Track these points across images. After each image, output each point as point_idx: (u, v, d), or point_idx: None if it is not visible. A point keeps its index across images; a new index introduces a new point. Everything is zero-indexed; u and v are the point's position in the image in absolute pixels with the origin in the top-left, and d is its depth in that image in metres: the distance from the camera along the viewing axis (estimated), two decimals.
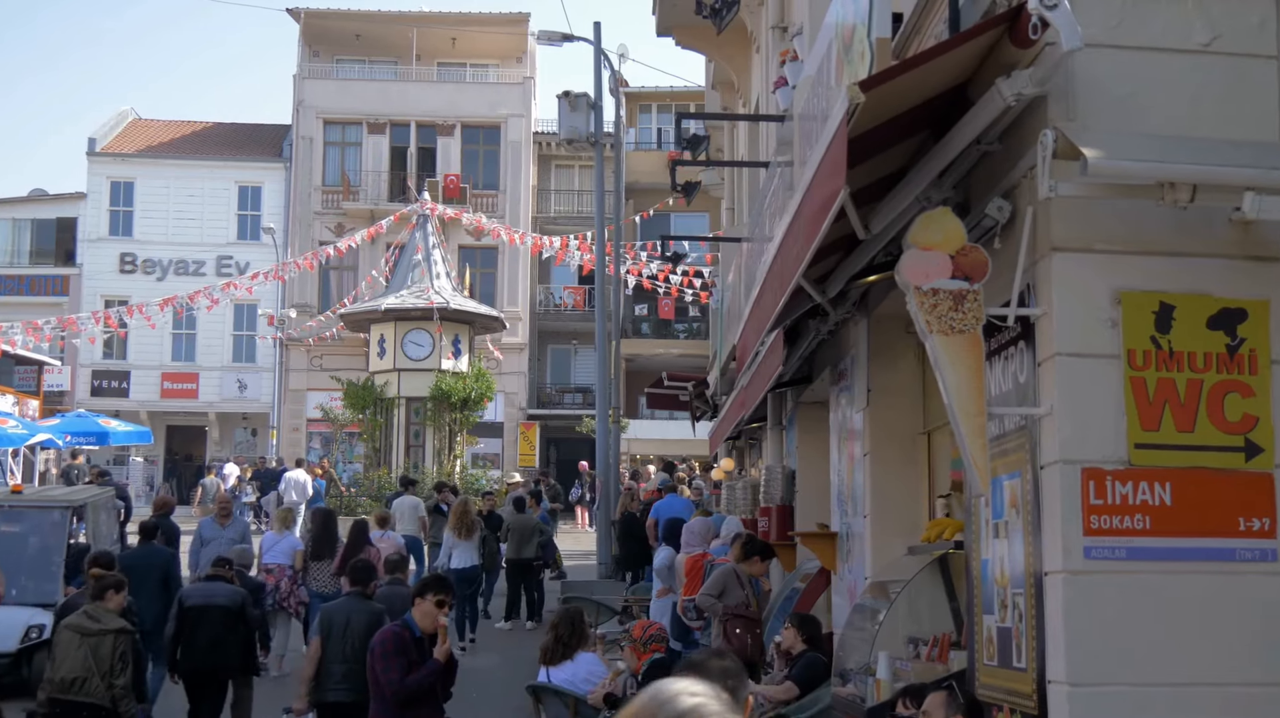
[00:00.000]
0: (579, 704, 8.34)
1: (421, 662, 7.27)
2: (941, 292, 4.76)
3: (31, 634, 12.38)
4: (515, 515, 18.86)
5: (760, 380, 9.14)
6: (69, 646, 8.32)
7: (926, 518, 7.81)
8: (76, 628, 8.39)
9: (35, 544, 13.60)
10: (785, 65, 8.29)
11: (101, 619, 8.43)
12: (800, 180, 7.00)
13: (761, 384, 9.46)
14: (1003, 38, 4.73)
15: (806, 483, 11.02)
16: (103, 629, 8.36)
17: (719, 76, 17.07)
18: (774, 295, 6.37)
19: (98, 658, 8.23)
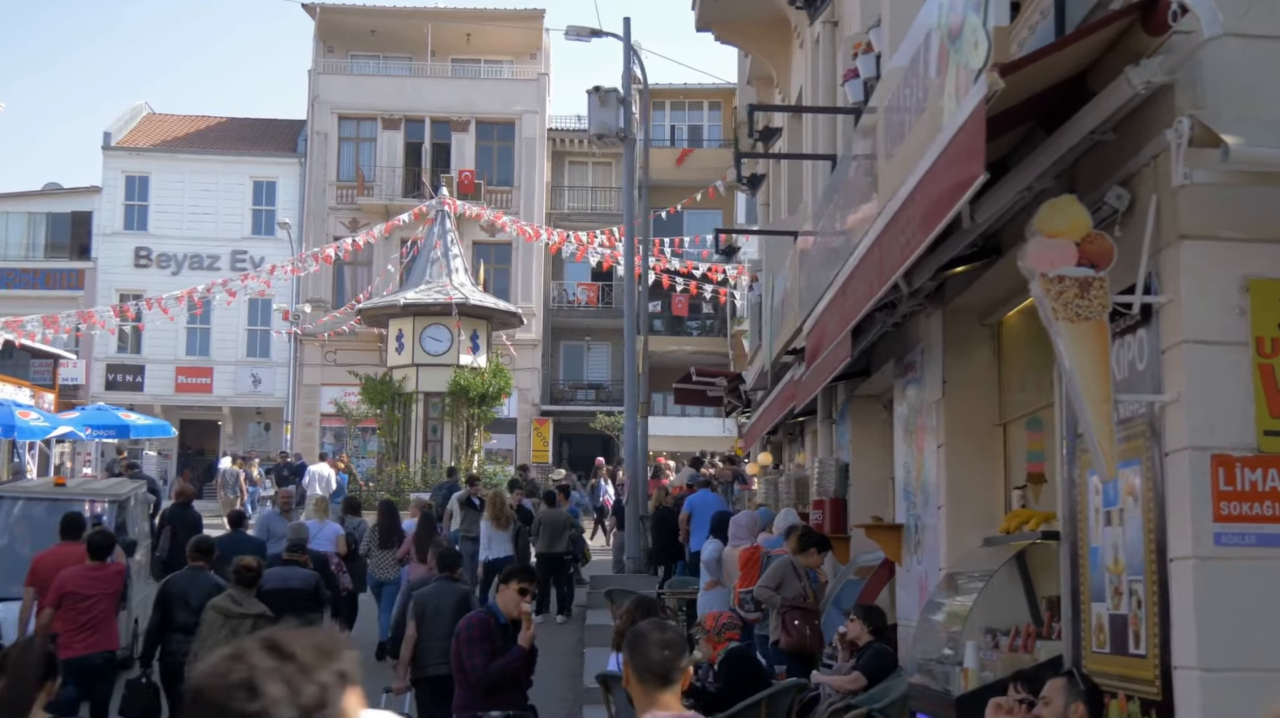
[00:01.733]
0: None
1: (505, 648, 7.30)
2: (1067, 279, 4.78)
3: None
4: (547, 510, 18.92)
5: (821, 373, 9.15)
6: (213, 625, 8.82)
7: (1002, 510, 7.83)
8: (221, 610, 8.90)
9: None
10: (858, 57, 8.31)
11: (243, 603, 8.93)
12: (887, 172, 7.03)
13: (822, 377, 9.47)
14: (1132, 25, 4.74)
15: (860, 476, 11.05)
16: (244, 613, 8.85)
17: (755, 72, 17.08)
18: (869, 285, 6.38)
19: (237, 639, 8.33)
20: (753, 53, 15.72)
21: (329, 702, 1.81)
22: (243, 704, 1.77)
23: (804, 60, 13.95)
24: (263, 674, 1.79)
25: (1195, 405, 4.72)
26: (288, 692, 1.78)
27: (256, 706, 1.76)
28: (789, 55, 15.42)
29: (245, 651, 1.84)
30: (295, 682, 1.79)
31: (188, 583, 9.73)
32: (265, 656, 1.82)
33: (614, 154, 45.60)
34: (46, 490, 13.81)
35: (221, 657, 1.85)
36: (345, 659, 1.87)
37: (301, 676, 1.80)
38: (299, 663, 1.81)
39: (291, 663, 1.81)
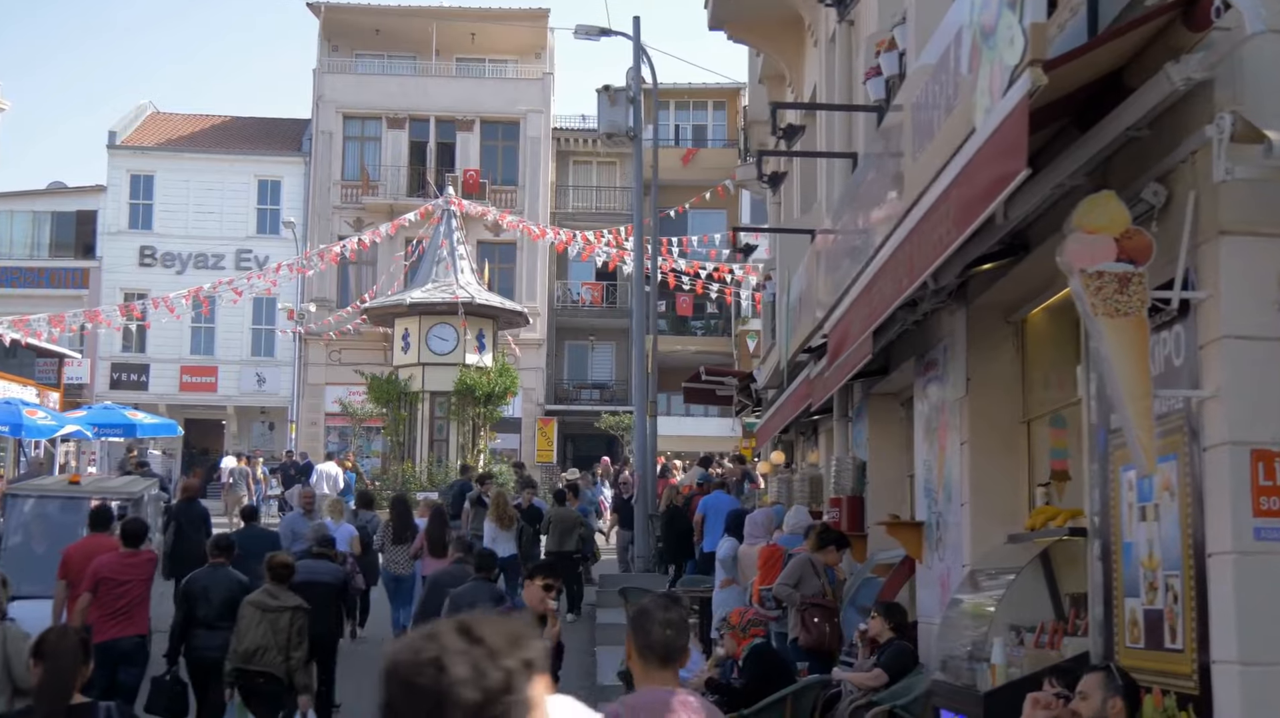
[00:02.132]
0: None
1: None
2: (1106, 274, 4.80)
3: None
4: (556, 509, 18.94)
5: (841, 371, 9.16)
6: (250, 620, 9.03)
7: (1026, 507, 7.84)
8: (258, 605, 9.12)
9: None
10: (880, 55, 8.31)
11: (280, 597, 9.15)
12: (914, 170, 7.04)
13: (842, 375, 9.48)
14: (1173, 21, 4.76)
15: (878, 474, 11.06)
16: (281, 606, 9.10)
17: (767, 70, 17.08)
18: (898, 283, 6.40)
19: (276, 632, 8.94)
20: (765, 51, 15.73)
21: (514, 688, 1.85)
22: (429, 681, 1.82)
23: (818, 59, 13.96)
24: (451, 655, 1.84)
25: (1234, 400, 4.73)
26: (474, 674, 1.83)
27: (442, 682, 1.82)
28: (802, 54, 15.43)
29: (438, 632, 1.89)
30: (482, 665, 1.84)
31: (209, 580, 9.84)
32: (456, 638, 1.87)
33: (618, 154, 45.61)
34: (62, 489, 13.84)
35: (416, 635, 1.91)
36: (534, 649, 1.91)
37: (489, 660, 1.85)
38: (487, 648, 1.86)
39: (480, 647, 1.86)
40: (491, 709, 1.83)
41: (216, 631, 9.45)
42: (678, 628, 3.82)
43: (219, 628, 9.42)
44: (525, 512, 18.79)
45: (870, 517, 11.07)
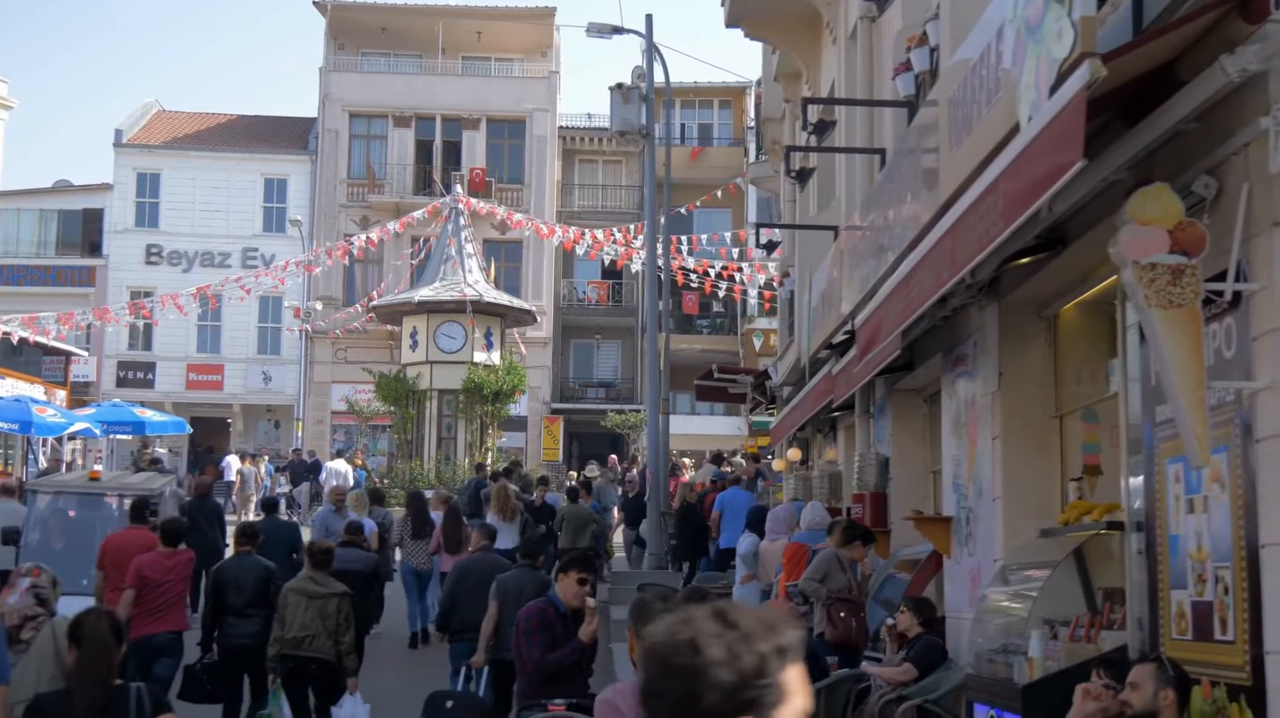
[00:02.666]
0: None
1: (565, 637, 7.31)
2: (1160, 266, 4.81)
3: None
4: (569, 506, 18.99)
5: (868, 367, 9.18)
6: (297, 607, 9.12)
7: (1058, 502, 7.86)
8: (302, 591, 9.22)
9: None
10: (911, 51, 8.33)
11: (326, 584, 9.28)
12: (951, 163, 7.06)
13: (868, 371, 9.49)
14: (1228, 13, 4.77)
15: (901, 470, 11.08)
16: (328, 592, 9.21)
17: (783, 68, 17.09)
18: (938, 276, 6.41)
19: (324, 618, 9.07)
20: (782, 48, 15.73)
21: (767, 672, 1.89)
22: (685, 661, 1.87)
23: (836, 55, 13.96)
24: (706, 637, 1.89)
25: None
26: (728, 656, 1.87)
27: (697, 662, 1.86)
28: (819, 51, 15.44)
29: (694, 616, 1.94)
30: (736, 648, 1.88)
31: (237, 569, 10.00)
32: (712, 622, 1.92)
33: (624, 152, 45.64)
34: (81, 485, 13.84)
35: (673, 619, 1.95)
36: (788, 636, 1.95)
37: (743, 643, 1.89)
38: (742, 632, 1.90)
39: (735, 631, 1.90)
40: (746, 692, 1.87)
41: (247, 618, 9.61)
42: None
43: (249, 616, 9.59)
44: (539, 509, 18.86)
45: (893, 512, 11.10)
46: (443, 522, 15.58)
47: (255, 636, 9.48)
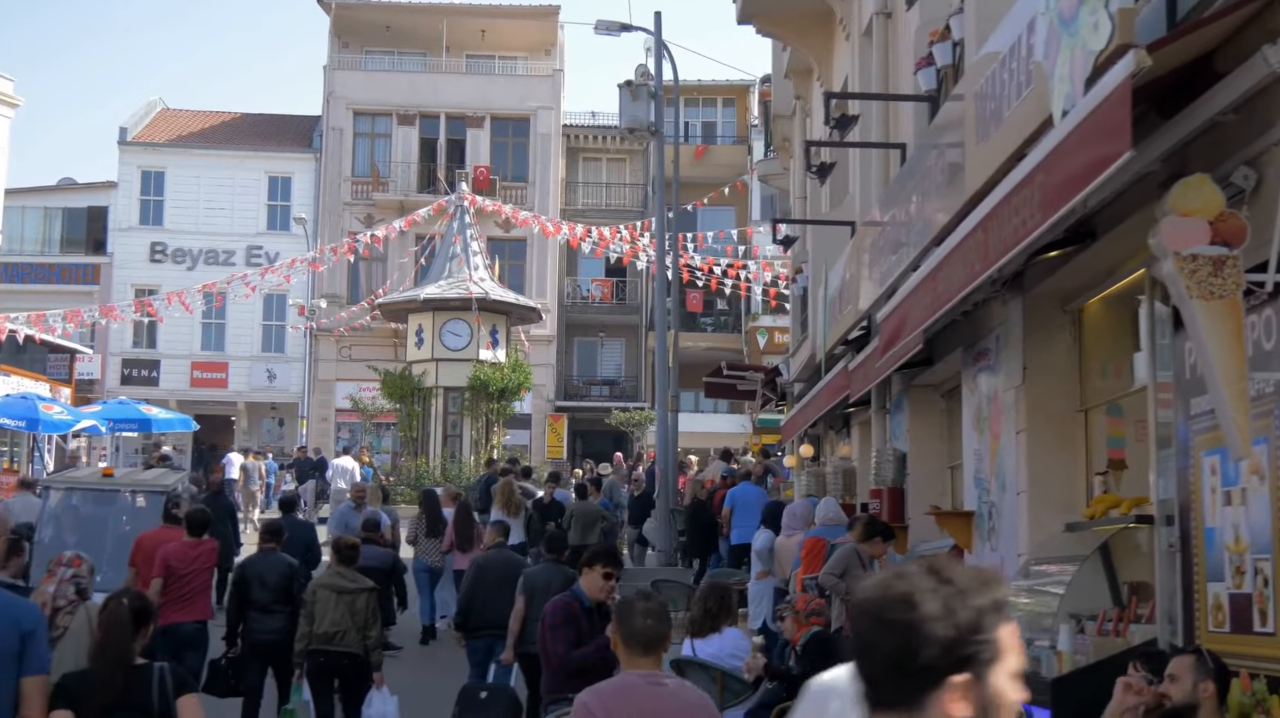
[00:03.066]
0: (725, 678, 8.38)
1: (591, 632, 7.31)
2: (1201, 257, 4.80)
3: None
4: (578, 503, 18.99)
5: (889, 362, 9.17)
6: (326, 603, 9.18)
7: (1083, 496, 7.85)
8: (332, 587, 9.28)
9: (128, 529, 13.21)
10: (933, 45, 8.32)
11: (355, 580, 9.36)
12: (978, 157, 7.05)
13: (888, 366, 9.49)
14: (1272, 3, 4.76)
15: (918, 465, 11.07)
16: (357, 588, 9.29)
17: (794, 65, 17.09)
18: (969, 269, 6.40)
19: (353, 613, 9.14)
20: (794, 45, 15.73)
21: (983, 627, 1.87)
22: (899, 615, 1.86)
23: (850, 52, 13.96)
24: (922, 592, 1.87)
25: None
26: (944, 611, 1.85)
27: (912, 616, 1.85)
28: (831, 47, 15.43)
29: (907, 572, 1.93)
30: (952, 603, 1.86)
31: (262, 565, 10.08)
32: (926, 577, 1.90)
33: (628, 150, 45.67)
34: (95, 481, 13.80)
35: (885, 575, 1.95)
36: (1002, 592, 1.93)
37: (959, 598, 1.87)
38: (958, 587, 1.88)
39: (950, 586, 1.88)
40: (962, 648, 1.85)
41: (272, 614, 9.71)
42: (658, 617, 4.08)
43: (274, 612, 9.69)
44: (548, 506, 18.88)
45: (911, 508, 11.10)
46: (454, 519, 15.76)
47: (279, 632, 9.61)
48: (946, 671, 1.85)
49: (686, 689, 4.21)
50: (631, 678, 4.07)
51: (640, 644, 4.09)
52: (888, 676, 1.88)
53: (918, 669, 1.85)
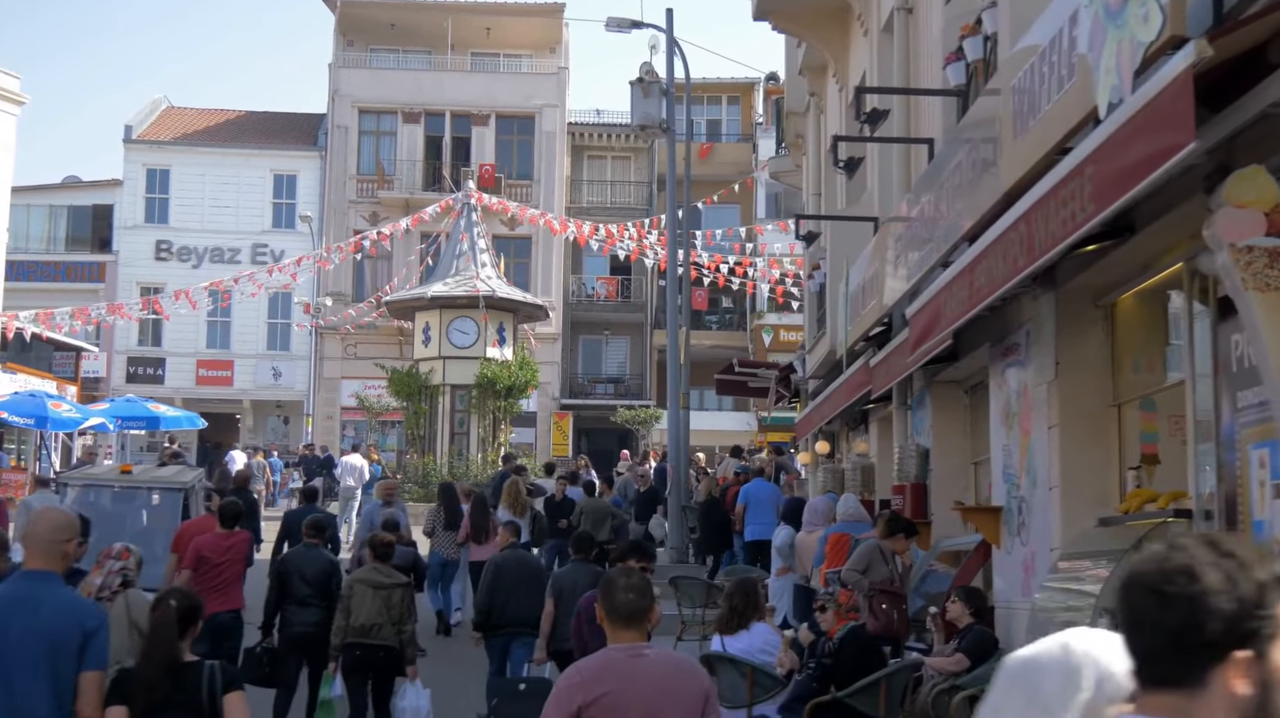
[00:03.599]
0: (755, 673, 8.38)
1: None
2: (1256, 249, 4.80)
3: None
4: (587, 500, 19.00)
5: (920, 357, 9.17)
6: (363, 597, 9.32)
7: (1117, 491, 7.85)
8: (369, 582, 9.43)
9: (146, 526, 13.24)
10: (964, 40, 8.31)
11: (390, 575, 9.52)
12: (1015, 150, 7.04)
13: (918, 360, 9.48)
14: None
15: (941, 461, 11.07)
16: (393, 583, 9.45)
17: (809, 61, 17.09)
18: (1012, 263, 6.39)
19: (389, 608, 9.28)
20: (810, 41, 15.72)
21: (1266, 602, 1.81)
22: (1180, 588, 1.80)
23: (868, 47, 13.96)
24: (1203, 564, 1.81)
25: None
26: (1227, 583, 1.80)
27: (1194, 589, 1.79)
28: (847, 43, 15.42)
29: (1184, 544, 1.87)
30: (1235, 576, 1.81)
31: (303, 559, 10.18)
32: (1205, 549, 1.85)
33: (633, 148, 45.67)
34: (113, 478, 13.75)
35: (1161, 548, 1.89)
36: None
37: (1241, 571, 1.81)
38: (1239, 560, 1.83)
39: (1231, 559, 1.83)
40: (1246, 623, 1.79)
41: (309, 607, 9.79)
42: (639, 592, 4.34)
43: (311, 605, 9.78)
44: (559, 503, 18.90)
45: (934, 503, 11.09)
46: (470, 512, 15.88)
47: (315, 625, 9.69)
48: (1229, 646, 1.79)
49: (667, 657, 4.41)
50: (613, 652, 4.30)
51: (622, 618, 4.31)
52: (1166, 651, 1.82)
53: (1200, 645, 1.79)
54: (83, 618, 5.02)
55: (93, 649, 4.98)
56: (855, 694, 7.73)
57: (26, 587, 5.06)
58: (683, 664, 4.44)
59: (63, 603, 5.06)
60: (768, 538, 17.78)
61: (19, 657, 4.85)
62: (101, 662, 5.04)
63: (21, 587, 5.08)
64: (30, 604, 4.94)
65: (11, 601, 5.00)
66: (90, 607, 5.40)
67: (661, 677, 4.25)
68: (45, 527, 5.20)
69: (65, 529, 5.23)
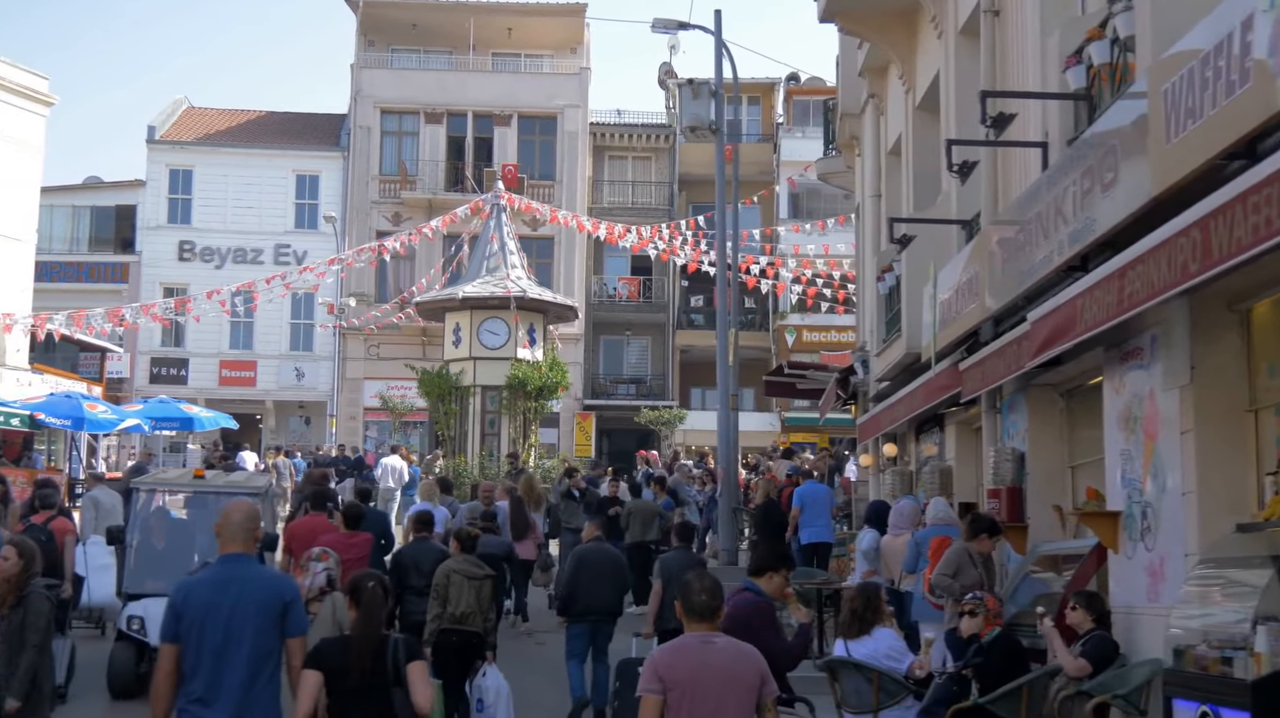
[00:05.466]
0: (882, 678, 8.35)
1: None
2: None
3: None
4: (635, 501, 19.02)
5: (1033, 363, 9.11)
6: (460, 587, 9.92)
7: (1254, 496, 7.82)
8: (464, 573, 10.03)
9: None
10: (1091, 43, 8.29)
11: (480, 567, 10.21)
12: (1169, 154, 7.00)
13: (1030, 358, 9.44)
14: None
15: (1037, 465, 11.03)
16: (485, 575, 10.16)
17: (870, 63, 17.06)
18: (1182, 269, 6.36)
19: (480, 598, 9.96)
20: (877, 43, 15.68)
21: None
22: None
23: (942, 49, 13.93)
24: None
25: None
26: None
27: None
28: (915, 44, 15.39)
29: None
30: None
31: (416, 552, 11.02)
32: None
33: (653, 149, 45.68)
34: (187, 483, 13.24)
35: None
36: None
37: None
38: None
39: None
40: None
41: (424, 597, 10.31)
42: (710, 593, 5.35)
43: (427, 594, 10.28)
44: (610, 501, 19.01)
45: (1030, 507, 11.06)
46: (510, 511, 16.27)
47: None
48: None
49: (731, 644, 5.35)
50: (689, 638, 5.33)
51: (698, 614, 5.34)
52: None
53: None
54: (282, 590, 5.86)
55: (293, 616, 5.77)
56: (998, 700, 7.69)
57: (231, 568, 5.77)
58: (743, 650, 5.37)
59: (264, 578, 5.91)
60: (823, 540, 17.79)
61: (230, 629, 5.58)
62: (302, 628, 5.83)
63: (226, 569, 5.78)
64: (238, 582, 5.69)
65: (222, 580, 5.71)
66: (287, 580, 6.37)
67: (726, 661, 5.24)
68: (240, 517, 5.89)
69: (254, 518, 5.98)
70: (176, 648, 5.58)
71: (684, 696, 5.12)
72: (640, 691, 5.25)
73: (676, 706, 5.13)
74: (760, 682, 5.28)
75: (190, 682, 5.54)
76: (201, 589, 5.70)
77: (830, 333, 41.16)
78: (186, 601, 5.66)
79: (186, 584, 5.84)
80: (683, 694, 5.12)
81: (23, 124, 30.30)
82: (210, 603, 5.62)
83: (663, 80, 49.49)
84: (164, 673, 5.59)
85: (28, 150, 30.56)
